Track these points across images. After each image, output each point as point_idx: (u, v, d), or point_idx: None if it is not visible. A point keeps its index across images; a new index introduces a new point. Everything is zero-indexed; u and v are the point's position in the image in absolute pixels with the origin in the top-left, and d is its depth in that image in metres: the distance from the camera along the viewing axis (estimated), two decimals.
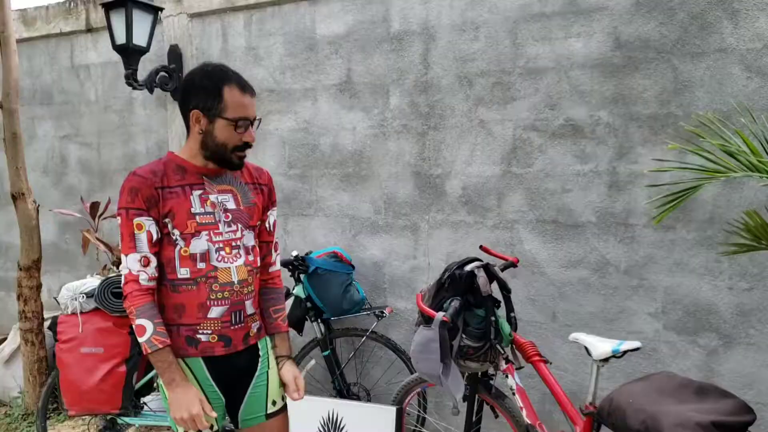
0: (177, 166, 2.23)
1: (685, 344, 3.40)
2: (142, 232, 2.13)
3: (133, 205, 2.12)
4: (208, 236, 2.20)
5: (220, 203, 2.24)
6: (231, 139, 2.18)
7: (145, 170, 2.18)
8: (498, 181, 3.78)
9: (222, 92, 2.14)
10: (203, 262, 2.19)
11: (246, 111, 2.18)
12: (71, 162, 5.42)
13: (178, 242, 2.17)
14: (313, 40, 4.28)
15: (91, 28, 5.17)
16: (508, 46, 3.70)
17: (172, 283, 2.20)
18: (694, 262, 3.35)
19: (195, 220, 2.18)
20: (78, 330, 3.59)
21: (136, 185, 2.13)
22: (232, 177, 2.32)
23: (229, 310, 2.24)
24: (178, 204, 2.17)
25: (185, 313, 2.21)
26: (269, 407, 2.41)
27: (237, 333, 2.28)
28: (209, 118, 2.17)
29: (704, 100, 3.28)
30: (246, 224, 2.31)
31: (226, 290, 2.22)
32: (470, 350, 2.88)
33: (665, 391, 2.33)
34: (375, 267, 4.19)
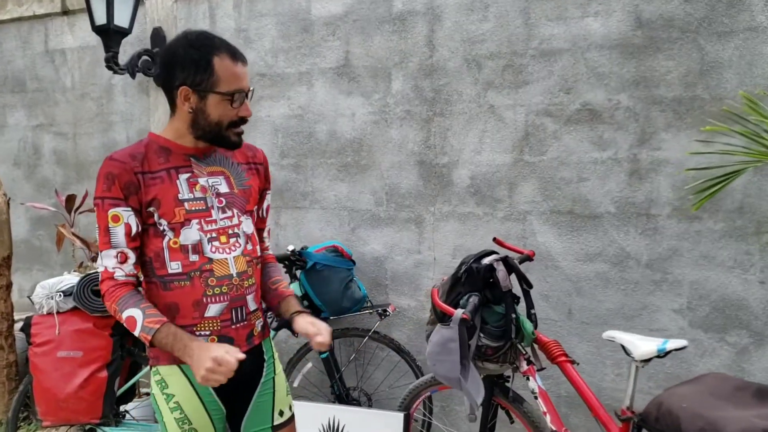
0: (160, 148, 1.97)
1: (713, 342, 3.20)
2: (119, 225, 1.88)
3: (109, 194, 1.87)
4: (199, 225, 1.95)
5: (211, 187, 2.00)
6: (226, 115, 1.94)
7: (122, 154, 1.92)
8: (509, 170, 3.55)
9: (212, 63, 1.89)
10: (196, 254, 1.94)
11: (241, 82, 1.94)
12: (45, 153, 5.10)
13: (166, 233, 1.93)
14: (308, 21, 4.02)
15: (68, 11, 4.87)
16: (520, 26, 3.48)
17: (163, 280, 1.95)
18: (723, 255, 3.15)
19: (183, 208, 1.93)
20: (54, 332, 3.32)
21: (112, 171, 1.87)
22: (223, 157, 2.08)
23: (229, 306, 1.99)
24: (163, 190, 1.92)
25: (179, 313, 1.95)
26: (276, 418, 2.17)
27: (239, 332, 2.03)
28: (200, 95, 1.91)
29: (733, 82, 3.08)
30: (242, 209, 2.07)
31: (224, 284, 1.97)
32: (489, 350, 2.68)
33: (721, 395, 2.12)
34: (376, 262, 3.94)
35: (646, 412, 2.26)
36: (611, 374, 3.41)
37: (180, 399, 1.97)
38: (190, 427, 1.96)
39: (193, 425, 1.97)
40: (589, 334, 3.45)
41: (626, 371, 3.32)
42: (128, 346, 3.54)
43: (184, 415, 1.96)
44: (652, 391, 3.30)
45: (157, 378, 1.99)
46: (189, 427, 1.96)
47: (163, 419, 1.99)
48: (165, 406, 1.98)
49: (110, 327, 3.38)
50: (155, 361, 2.00)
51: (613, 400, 3.37)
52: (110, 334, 3.36)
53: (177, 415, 1.96)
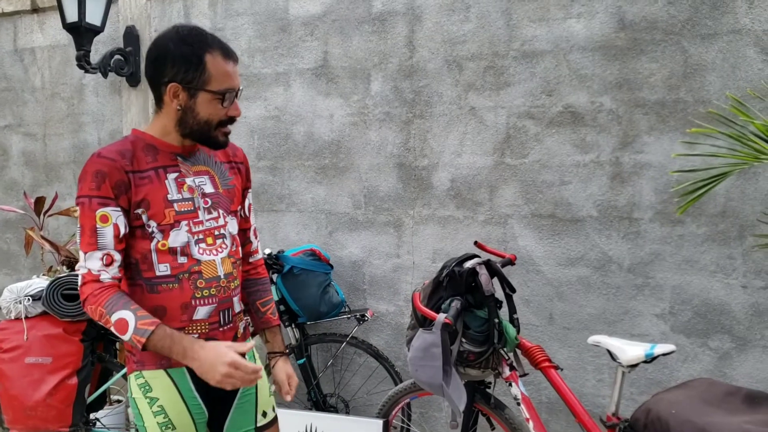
0: (147, 146, 1.91)
1: (695, 347, 3.17)
2: (107, 226, 1.80)
3: (98, 192, 1.78)
4: (188, 226, 1.90)
5: (197, 187, 1.95)
6: (216, 114, 1.88)
7: (111, 151, 1.83)
8: (490, 173, 3.50)
9: (204, 61, 1.82)
10: (184, 256, 1.89)
11: (232, 81, 1.88)
12: (13, 154, 4.95)
13: (154, 235, 1.86)
14: (285, 20, 3.94)
15: (37, 8, 4.74)
16: (502, 27, 3.43)
17: (149, 283, 1.88)
18: (705, 259, 3.13)
19: (173, 209, 1.88)
20: (22, 337, 3.20)
21: (102, 169, 1.79)
22: (207, 156, 2.03)
23: (217, 309, 1.95)
24: (153, 191, 1.86)
25: (167, 316, 1.88)
26: (259, 419, 2.11)
27: (226, 334, 1.99)
28: (190, 92, 1.85)
29: (716, 84, 3.06)
30: (227, 209, 2.02)
31: (213, 286, 1.93)
32: (471, 356, 2.63)
33: (711, 401, 2.07)
34: (353, 266, 3.86)
35: (634, 418, 2.21)
36: (593, 380, 3.36)
37: (164, 403, 1.91)
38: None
39: (176, 430, 1.91)
40: (571, 340, 3.40)
41: (608, 377, 3.31)
42: (99, 352, 3.44)
43: (168, 419, 1.91)
44: (634, 397, 3.26)
45: (141, 381, 1.92)
46: (172, 431, 1.91)
47: (144, 424, 1.92)
48: (148, 410, 1.91)
49: (81, 332, 3.27)
50: (139, 365, 1.93)
51: (594, 406, 3.33)
52: (81, 340, 3.26)
53: (161, 419, 1.90)
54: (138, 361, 1.93)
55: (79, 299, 3.15)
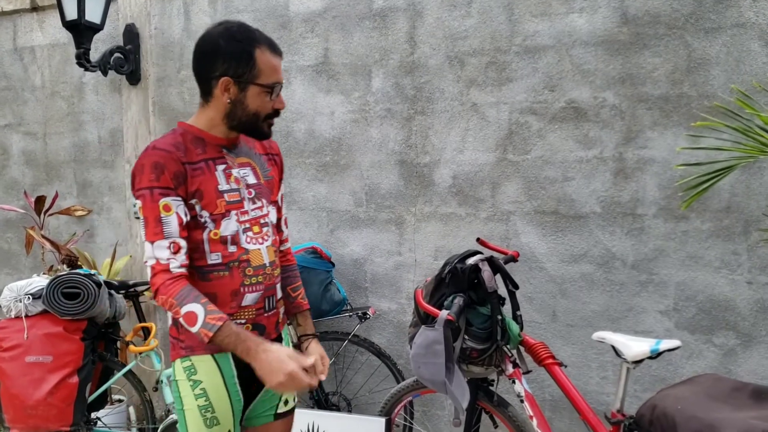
0: (195, 138, 1.98)
1: (700, 344, 3.14)
2: (171, 215, 1.87)
3: (159, 183, 1.86)
4: (237, 216, 1.99)
5: (242, 178, 2.04)
6: (264, 106, 1.97)
7: (165, 143, 1.92)
8: (492, 170, 3.48)
9: (254, 56, 1.91)
10: (234, 245, 1.97)
11: (279, 75, 1.98)
12: (14, 153, 4.93)
13: (207, 225, 1.94)
14: (286, 17, 3.92)
15: (37, 7, 4.72)
16: (504, 22, 3.41)
17: (201, 271, 1.96)
18: (710, 255, 3.10)
19: (224, 199, 1.96)
20: (23, 336, 3.19)
21: (159, 160, 1.87)
22: (248, 148, 2.12)
23: (263, 295, 2.04)
24: (205, 182, 1.94)
25: (217, 302, 1.95)
26: (280, 406, 2.18)
27: (270, 320, 2.09)
28: (240, 86, 1.93)
29: (720, 78, 3.04)
30: (269, 199, 2.12)
31: (260, 274, 2.02)
32: (474, 353, 2.60)
33: (717, 396, 2.05)
34: (355, 264, 3.84)
35: (639, 414, 2.19)
36: (596, 377, 3.34)
37: (207, 386, 1.97)
38: (212, 416, 1.97)
39: (215, 414, 1.97)
40: (574, 337, 3.38)
41: (612, 374, 3.28)
42: (100, 351, 3.43)
43: (209, 402, 1.96)
44: (637, 394, 3.23)
45: (186, 364, 1.98)
46: (211, 415, 1.97)
47: (183, 407, 1.99)
48: (190, 392, 1.97)
49: (81, 331, 3.27)
50: (188, 351, 1.99)
51: (598, 404, 3.30)
52: (81, 338, 3.25)
53: (202, 402, 1.96)
54: (187, 347, 1.99)
55: (80, 298, 3.17)
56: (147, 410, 3.56)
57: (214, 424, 1.96)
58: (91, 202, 4.64)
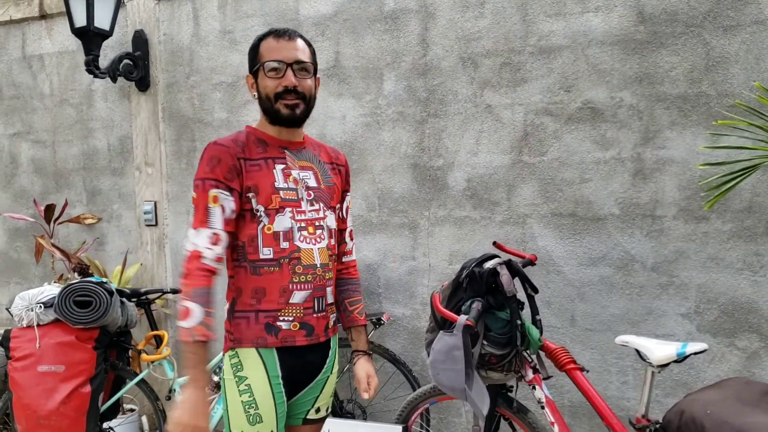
0: (257, 139, 2.07)
1: (722, 347, 3.08)
2: (217, 206, 1.95)
3: (212, 175, 1.96)
4: (292, 213, 2.04)
5: (302, 180, 2.09)
6: (269, 86, 2.02)
7: (225, 139, 2.03)
8: (507, 172, 3.43)
9: (259, 47, 2.06)
10: (287, 242, 2.02)
11: (278, 53, 2.01)
12: (22, 162, 4.90)
13: (262, 219, 2.01)
14: (296, 21, 3.89)
15: (45, 15, 4.70)
16: (518, 22, 3.36)
17: (253, 265, 2.02)
18: (731, 256, 3.04)
19: (279, 195, 2.02)
20: (35, 345, 3.16)
21: (217, 154, 1.97)
22: (312, 154, 2.17)
23: (312, 295, 2.07)
24: (262, 177, 2.01)
25: (266, 297, 2.02)
26: (311, 413, 2.21)
27: (319, 322, 2.10)
28: (255, 78, 2.07)
29: (740, 77, 2.98)
30: (327, 204, 2.16)
31: (309, 273, 2.06)
32: (493, 358, 2.54)
33: (748, 400, 1.99)
34: (368, 270, 3.79)
35: (666, 420, 2.13)
36: (616, 382, 3.28)
37: (252, 382, 2.00)
38: (256, 412, 1.99)
39: (258, 410, 1.99)
40: (593, 341, 3.31)
41: (632, 379, 3.22)
42: (112, 360, 3.38)
43: (253, 398, 1.99)
44: (659, 399, 3.17)
45: (234, 360, 2.03)
46: (255, 411, 1.99)
47: (227, 403, 2.02)
48: (235, 388, 2.01)
49: (93, 339, 3.24)
50: (236, 343, 2.03)
51: (619, 409, 3.24)
52: (93, 347, 3.22)
53: (246, 398, 1.99)
54: (235, 339, 2.03)
55: (92, 306, 3.14)
56: (159, 420, 3.51)
57: (257, 422, 1.99)
58: (101, 210, 4.60)
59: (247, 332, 2.02)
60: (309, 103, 2.08)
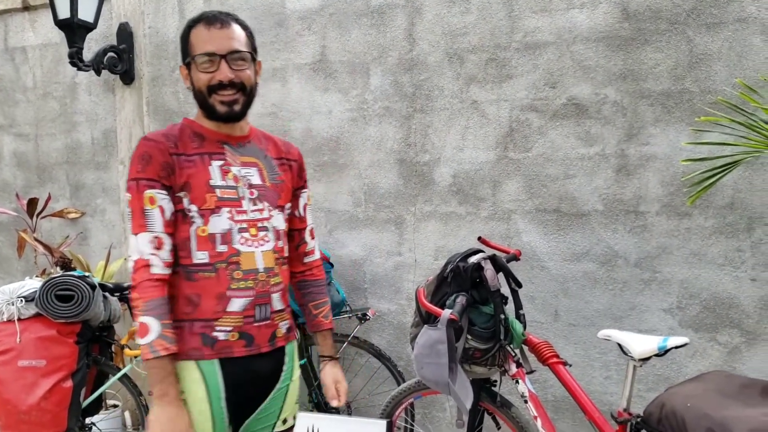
0: (194, 133, 1.93)
1: (704, 342, 3.11)
2: (155, 208, 1.81)
3: (144, 174, 1.82)
4: (230, 214, 1.89)
5: (243, 177, 1.94)
6: (201, 80, 1.87)
7: (157, 134, 1.88)
8: (493, 168, 3.44)
9: (189, 36, 1.89)
10: (224, 245, 1.87)
11: (211, 44, 1.84)
12: (5, 155, 4.86)
13: (194, 220, 1.86)
14: (282, 15, 3.88)
15: (28, 6, 4.66)
16: (504, 18, 3.37)
17: (187, 270, 1.87)
18: (713, 252, 3.07)
19: (215, 194, 1.87)
20: (15, 339, 3.12)
21: (147, 151, 1.83)
22: (257, 148, 2.02)
23: (253, 302, 1.91)
24: (196, 174, 1.86)
25: (201, 305, 1.87)
26: (278, 425, 2.08)
27: (261, 331, 1.94)
28: (188, 69, 1.91)
29: (722, 74, 3.01)
30: (273, 203, 1.99)
31: (250, 279, 1.90)
32: (477, 353, 2.55)
33: (728, 393, 2.01)
34: (354, 265, 3.79)
35: (647, 413, 2.15)
36: (599, 377, 3.30)
37: (190, 400, 1.86)
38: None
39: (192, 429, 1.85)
40: (577, 336, 3.34)
41: (615, 374, 3.24)
42: (94, 355, 3.36)
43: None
44: (641, 394, 3.20)
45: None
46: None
47: None
48: None
49: (75, 334, 3.20)
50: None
51: (602, 404, 3.26)
52: (75, 342, 3.18)
53: None
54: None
55: (74, 300, 3.11)
56: (142, 415, 3.50)
57: None
58: (85, 205, 4.57)
59: (180, 343, 1.85)
60: (250, 94, 1.93)
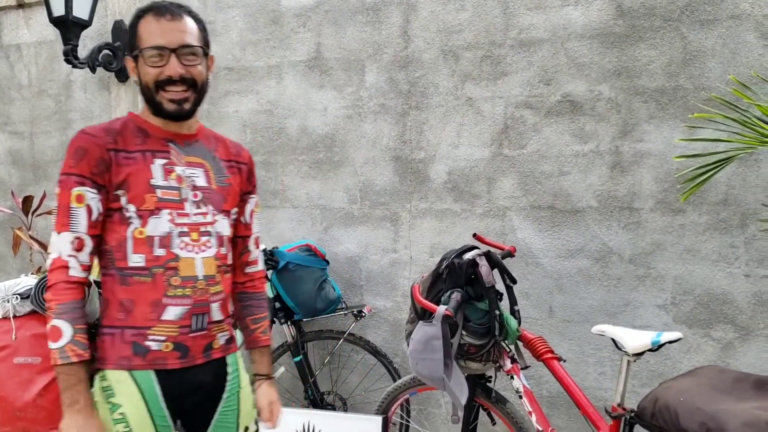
0: (137, 128, 1.81)
1: (698, 338, 3.13)
2: (81, 207, 1.71)
3: (76, 170, 1.70)
4: (170, 216, 1.78)
5: (187, 178, 1.82)
6: (149, 74, 1.75)
7: (96, 128, 1.76)
8: (488, 165, 3.45)
9: (138, 27, 1.75)
10: (162, 248, 1.76)
11: (160, 37, 1.72)
12: (0, 153, 4.85)
13: (132, 221, 1.75)
14: (277, 12, 3.88)
15: (23, 4, 4.65)
16: (498, 15, 3.38)
17: (122, 273, 1.76)
18: (707, 248, 3.08)
19: (155, 195, 1.76)
20: (10, 337, 3.08)
21: (83, 145, 1.71)
22: (206, 149, 1.90)
23: (190, 312, 1.79)
24: (136, 172, 1.75)
25: (134, 312, 1.76)
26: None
27: (197, 342, 1.82)
28: (135, 61, 1.78)
29: (716, 71, 3.02)
30: (219, 207, 1.88)
31: (188, 286, 1.79)
32: (472, 348, 2.57)
33: (720, 388, 2.02)
34: (350, 262, 3.80)
35: (641, 407, 2.16)
36: (594, 373, 3.31)
37: (127, 410, 1.75)
38: None
39: None
40: (571, 332, 3.35)
41: (610, 369, 3.26)
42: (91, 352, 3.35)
43: (130, 429, 1.75)
44: (636, 390, 3.21)
45: (105, 384, 1.79)
46: None
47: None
48: (108, 416, 1.76)
49: None
50: (101, 362, 1.79)
51: (596, 399, 3.27)
52: None
53: (121, 428, 1.76)
54: (99, 358, 1.80)
55: None
56: None
57: None
58: None
59: (111, 351, 1.76)
60: (201, 91, 1.83)
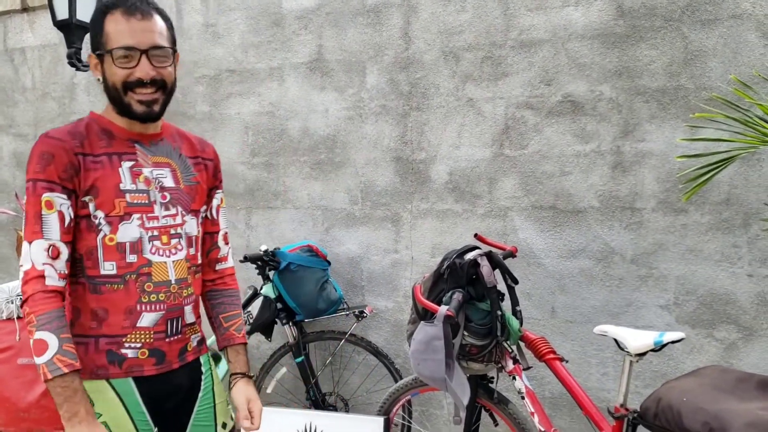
0: (102, 130, 1.74)
1: (701, 338, 3.12)
2: (53, 212, 1.64)
3: (43, 175, 1.63)
4: (141, 221, 1.73)
5: (155, 179, 1.78)
6: (116, 75, 1.68)
7: (60, 131, 1.69)
8: (489, 165, 3.45)
9: (104, 23, 1.68)
10: (134, 254, 1.72)
11: (130, 37, 1.66)
12: (4, 155, 4.87)
13: (101, 228, 1.69)
14: (279, 14, 3.88)
15: (27, 7, 4.67)
16: (499, 16, 3.38)
17: (93, 282, 1.71)
18: (710, 248, 3.07)
19: (124, 200, 1.71)
20: (14, 338, 3.13)
21: (49, 149, 1.64)
22: (171, 147, 1.86)
23: (165, 317, 1.77)
24: (103, 177, 1.69)
25: (108, 320, 1.72)
26: (219, 431, 1.95)
27: (172, 346, 1.81)
28: (100, 59, 1.71)
29: (718, 70, 3.01)
30: (187, 207, 1.85)
31: (162, 291, 1.75)
32: (473, 349, 2.56)
33: (723, 388, 2.02)
34: (351, 263, 3.80)
35: (644, 408, 2.15)
36: (596, 373, 3.31)
37: (108, 419, 1.71)
38: None
39: None
40: (574, 333, 3.34)
41: (612, 370, 3.25)
42: None
43: None
44: (639, 390, 3.20)
45: None
46: None
47: None
48: None
49: None
50: None
51: (599, 400, 3.26)
52: None
53: None
54: None
55: None
56: None
57: None
58: None
59: (85, 361, 1.70)
60: (170, 92, 1.78)
